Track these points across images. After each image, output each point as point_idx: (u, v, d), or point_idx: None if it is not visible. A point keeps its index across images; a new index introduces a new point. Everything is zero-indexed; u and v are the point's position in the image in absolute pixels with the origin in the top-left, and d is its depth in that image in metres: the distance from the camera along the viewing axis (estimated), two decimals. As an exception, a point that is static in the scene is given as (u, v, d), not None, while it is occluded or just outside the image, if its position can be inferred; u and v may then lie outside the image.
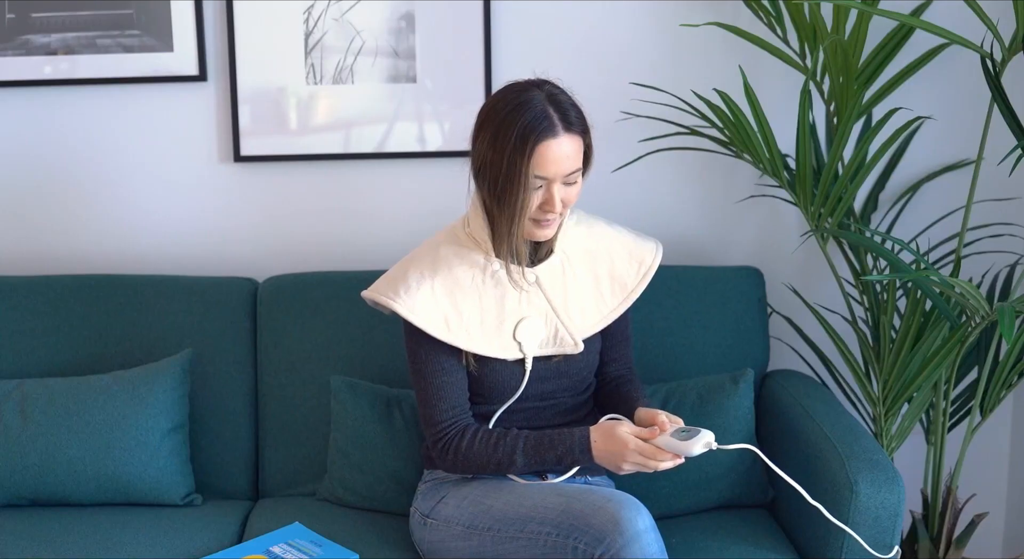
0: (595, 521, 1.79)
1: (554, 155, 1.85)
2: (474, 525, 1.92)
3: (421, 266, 2.00)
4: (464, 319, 1.96)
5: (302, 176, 2.57)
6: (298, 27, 2.48)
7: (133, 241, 2.58)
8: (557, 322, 2.01)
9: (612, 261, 2.06)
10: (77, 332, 2.36)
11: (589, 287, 2.04)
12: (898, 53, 2.32)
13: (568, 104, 1.90)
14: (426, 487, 2.07)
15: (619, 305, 2.06)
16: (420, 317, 1.95)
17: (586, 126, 1.92)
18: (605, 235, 2.09)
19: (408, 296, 1.96)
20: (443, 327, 1.95)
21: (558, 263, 2.02)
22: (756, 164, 2.31)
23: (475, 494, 1.97)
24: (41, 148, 2.54)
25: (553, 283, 2.01)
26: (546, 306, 2.00)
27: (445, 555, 1.97)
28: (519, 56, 2.50)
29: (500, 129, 1.87)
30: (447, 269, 1.98)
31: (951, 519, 2.39)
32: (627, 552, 1.75)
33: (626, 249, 2.08)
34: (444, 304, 1.96)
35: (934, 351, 2.23)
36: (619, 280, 2.06)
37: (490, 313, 1.98)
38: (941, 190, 2.56)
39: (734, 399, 2.21)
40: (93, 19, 2.46)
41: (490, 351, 1.98)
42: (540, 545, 1.83)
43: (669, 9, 2.49)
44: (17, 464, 2.19)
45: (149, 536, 2.11)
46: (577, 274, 2.04)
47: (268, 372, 2.36)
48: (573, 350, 2.02)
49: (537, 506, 1.87)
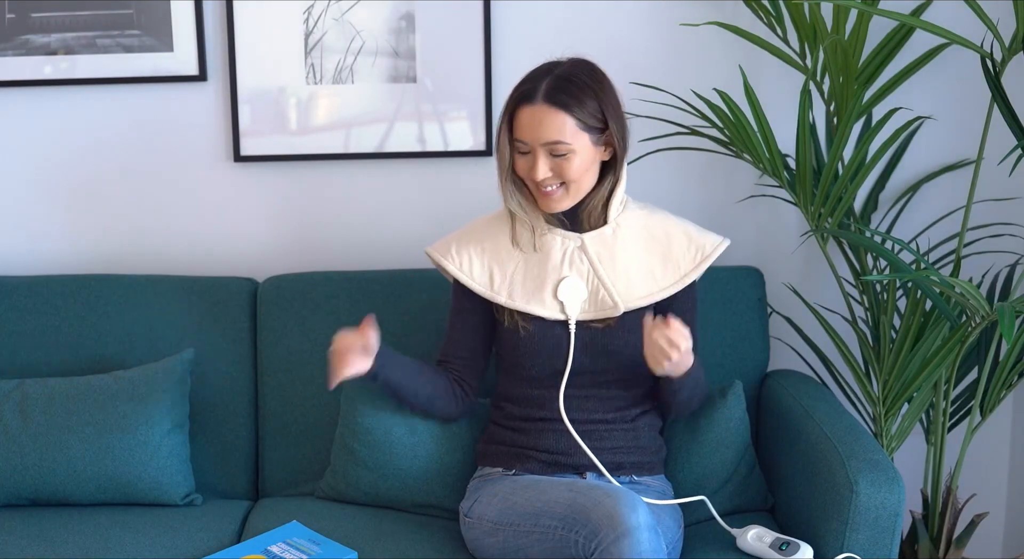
0: (593, 515, 1.82)
1: (527, 120, 1.98)
2: (500, 521, 1.96)
3: (470, 235, 2.15)
4: (507, 278, 2.09)
5: (302, 176, 2.57)
6: (298, 27, 2.48)
7: (133, 241, 2.58)
8: (598, 283, 2.06)
9: (670, 244, 2.11)
10: (77, 332, 2.36)
11: (639, 261, 2.09)
12: (898, 53, 2.32)
13: (569, 83, 1.97)
14: (472, 485, 2.12)
15: (671, 285, 2.09)
16: (466, 276, 2.11)
17: (588, 106, 1.97)
18: (667, 220, 2.14)
19: (458, 256, 2.12)
20: (487, 284, 2.10)
21: (609, 232, 2.08)
22: (756, 164, 2.31)
23: (504, 491, 2.01)
24: (41, 148, 2.54)
25: (600, 250, 2.08)
26: (588, 269, 2.07)
27: (481, 550, 2.01)
28: (519, 56, 2.50)
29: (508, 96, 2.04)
30: (492, 238, 2.12)
31: (951, 519, 2.39)
32: (617, 547, 1.77)
33: (687, 236, 2.13)
34: (489, 264, 2.10)
35: (934, 351, 2.23)
36: (674, 261, 2.10)
37: (532, 273, 2.07)
38: (941, 190, 2.56)
39: (723, 411, 2.21)
40: (93, 19, 2.46)
41: (531, 308, 2.06)
42: (550, 539, 1.87)
43: (669, 9, 2.49)
44: (17, 464, 2.19)
45: (149, 536, 2.11)
46: (628, 247, 2.08)
47: (268, 372, 2.36)
48: (613, 312, 2.05)
49: (550, 501, 1.91)
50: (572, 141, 1.97)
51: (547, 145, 1.97)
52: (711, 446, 2.19)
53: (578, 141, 1.98)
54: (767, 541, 1.99)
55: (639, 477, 2.11)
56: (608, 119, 1.99)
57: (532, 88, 1.97)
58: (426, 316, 2.36)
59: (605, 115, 1.99)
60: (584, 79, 1.98)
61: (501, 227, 2.12)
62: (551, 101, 1.96)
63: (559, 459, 2.08)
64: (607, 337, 2.07)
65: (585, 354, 2.07)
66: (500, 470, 2.11)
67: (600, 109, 1.99)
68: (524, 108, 1.98)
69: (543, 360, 2.08)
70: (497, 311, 2.12)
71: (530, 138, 1.98)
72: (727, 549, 2.04)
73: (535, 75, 2.00)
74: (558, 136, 1.96)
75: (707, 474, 2.18)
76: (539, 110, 1.96)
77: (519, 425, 2.12)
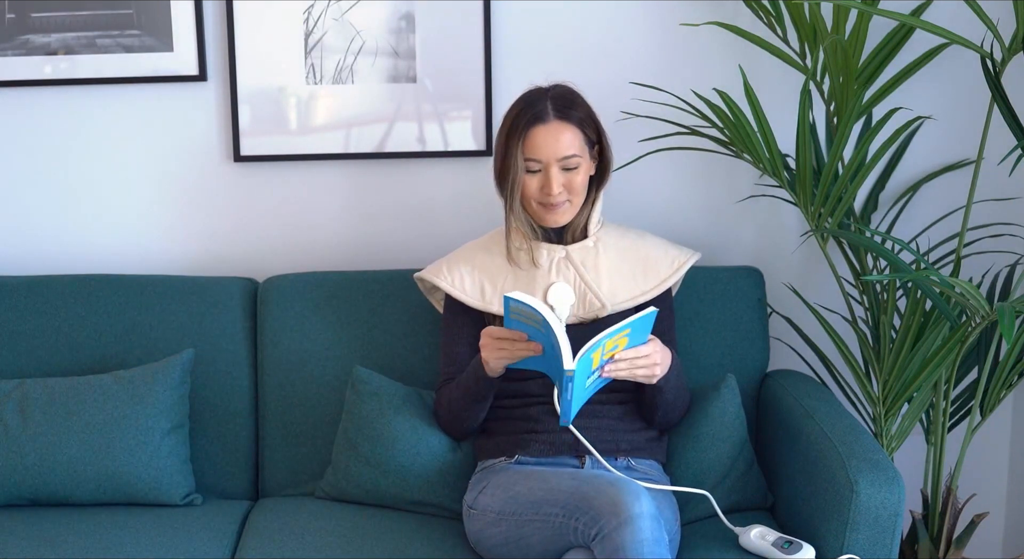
0: (596, 503, 1.84)
1: (543, 139, 2.08)
2: (503, 511, 1.99)
3: (459, 256, 2.25)
4: (498, 290, 2.18)
5: (302, 176, 2.57)
6: (298, 27, 2.48)
7: (133, 241, 2.58)
8: (584, 287, 2.17)
9: (648, 254, 2.24)
10: (77, 332, 2.36)
11: (620, 268, 2.20)
12: (898, 53, 2.32)
13: (569, 100, 2.12)
14: (475, 478, 2.15)
15: (652, 289, 2.20)
16: (459, 290, 2.20)
17: (588, 121, 2.12)
18: (644, 235, 2.28)
19: (449, 274, 2.22)
20: (479, 297, 2.18)
21: (591, 244, 2.20)
22: (756, 164, 2.31)
23: (508, 482, 2.04)
24: (41, 148, 2.54)
25: (584, 259, 2.19)
26: (575, 275, 2.17)
27: (484, 542, 2.03)
28: (519, 56, 2.50)
29: (504, 122, 2.13)
30: (482, 257, 2.22)
31: (951, 519, 2.39)
32: (619, 534, 1.79)
33: (663, 248, 2.26)
34: (480, 279, 2.20)
35: (934, 351, 2.23)
36: (653, 268, 2.22)
37: (522, 283, 2.18)
38: (941, 190, 2.56)
39: (717, 405, 2.21)
40: (93, 19, 2.46)
41: None
42: (550, 526, 1.90)
43: (669, 9, 2.49)
44: (17, 464, 2.19)
45: (149, 536, 2.11)
46: (610, 256, 2.20)
47: (268, 372, 2.37)
48: (600, 313, 2.15)
49: (552, 489, 1.94)
50: (581, 153, 2.11)
51: (562, 160, 2.09)
52: (707, 440, 2.19)
53: (583, 153, 2.12)
54: (770, 539, 1.99)
55: (636, 461, 2.13)
56: (600, 132, 2.15)
57: (541, 109, 2.09)
58: (426, 316, 2.36)
59: (597, 128, 2.14)
60: (578, 97, 2.13)
61: (491, 248, 2.23)
62: (563, 117, 2.09)
63: (558, 438, 2.11)
64: (595, 334, 2.08)
65: (575, 351, 2.09)
66: (502, 459, 2.14)
67: (594, 122, 2.14)
68: (537, 128, 2.08)
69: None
70: (489, 322, 2.19)
71: (546, 155, 2.08)
72: (729, 547, 2.04)
73: (533, 100, 2.11)
74: (573, 150, 2.10)
75: (705, 469, 2.18)
76: (554, 127, 2.08)
77: (516, 414, 2.17)
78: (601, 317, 2.16)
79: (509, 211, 2.14)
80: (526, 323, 1.94)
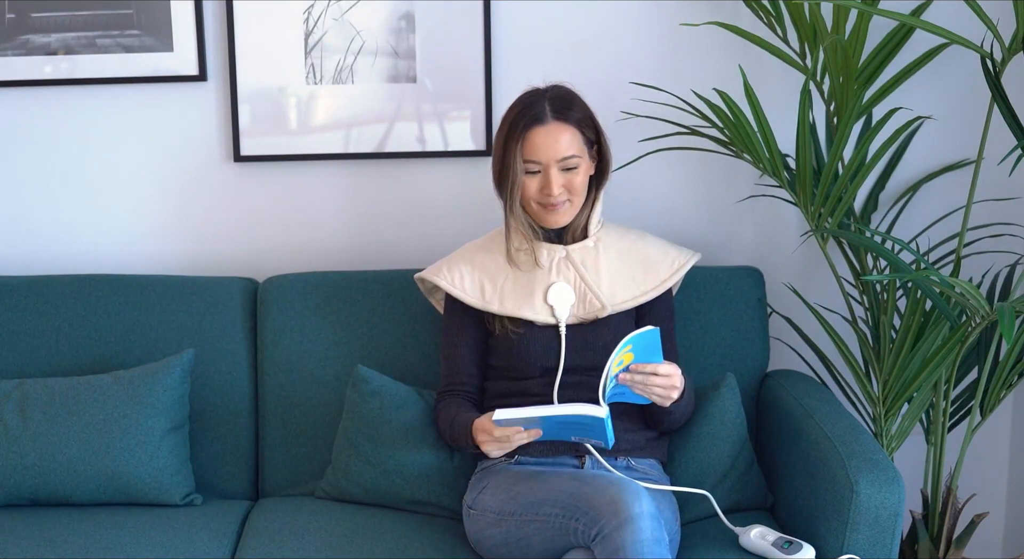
0: (596, 503, 1.85)
1: (543, 140, 2.08)
2: (503, 511, 2.00)
3: (459, 257, 2.24)
4: (498, 289, 2.18)
5: (302, 176, 2.57)
6: (298, 27, 2.48)
7: (133, 241, 2.58)
8: (584, 287, 2.16)
9: (647, 254, 2.24)
10: (77, 332, 2.36)
11: (620, 268, 2.20)
12: (898, 53, 2.32)
13: (567, 100, 2.12)
14: (475, 478, 2.15)
15: (652, 289, 2.20)
16: (459, 290, 2.19)
17: (587, 121, 2.12)
18: (643, 236, 2.28)
19: (449, 274, 2.22)
20: (479, 296, 2.18)
21: (591, 244, 2.20)
22: (756, 164, 2.31)
23: (508, 482, 2.05)
24: (41, 148, 2.54)
25: (584, 259, 2.19)
26: (575, 275, 2.17)
27: (484, 542, 2.04)
28: (519, 56, 2.50)
29: (502, 125, 2.13)
30: (482, 257, 2.22)
31: (951, 519, 2.39)
32: (619, 534, 1.79)
33: (662, 249, 2.26)
34: (480, 279, 2.20)
35: (934, 351, 2.23)
36: (653, 269, 2.22)
37: (522, 282, 2.17)
38: (941, 190, 2.56)
39: (718, 404, 2.21)
40: (93, 19, 2.46)
41: (523, 313, 2.15)
42: (550, 527, 1.91)
43: (669, 9, 2.49)
44: (17, 464, 2.19)
45: (149, 536, 2.11)
46: (610, 257, 2.20)
47: (268, 372, 2.37)
48: (600, 313, 2.15)
49: (552, 490, 1.95)
50: (580, 154, 2.11)
51: (562, 160, 2.09)
52: (707, 439, 2.19)
53: (582, 154, 2.12)
54: (770, 539, 1.99)
55: (636, 461, 2.13)
56: (598, 132, 2.14)
57: (539, 111, 2.09)
58: (426, 316, 2.36)
59: (596, 128, 2.14)
60: (576, 97, 2.13)
61: (491, 248, 2.23)
62: (561, 118, 2.09)
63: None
64: (595, 334, 2.15)
65: (575, 351, 2.14)
66: (502, 459, 2.13)
67: (592, 123, 2.13)
68: (536, 130, 2.08)
69: (536, 360, 2.14)
70: (489, 322, 2.19)
71: (546, 156, 2.08)
72: (729, 547, 2.04)
73: (531, 101, 2.10)
74: (572, 150, 2.10)
75: (705, 468, 2.18)
76: (553, 128, 2.08)
77: None
78: (601, 317, 2.16)
79: (509, 212, 2.14)
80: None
